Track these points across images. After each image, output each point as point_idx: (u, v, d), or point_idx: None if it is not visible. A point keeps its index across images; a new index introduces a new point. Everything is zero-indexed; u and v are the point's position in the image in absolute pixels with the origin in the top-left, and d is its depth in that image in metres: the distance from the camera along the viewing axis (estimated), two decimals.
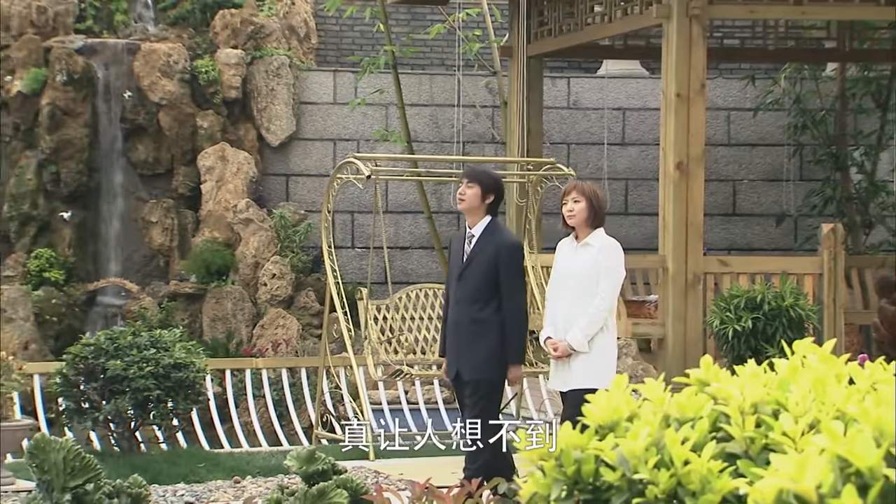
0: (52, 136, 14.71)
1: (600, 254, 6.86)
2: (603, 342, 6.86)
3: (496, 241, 7.03)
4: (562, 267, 7.00)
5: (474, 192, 7.02)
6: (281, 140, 15.34)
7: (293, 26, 15.77)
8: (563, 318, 6.86)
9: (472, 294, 6.96)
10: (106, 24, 15.83)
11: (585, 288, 6.81)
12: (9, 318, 13.89)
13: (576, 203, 6.91)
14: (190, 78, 15.03)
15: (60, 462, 3.81)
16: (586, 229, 6.93)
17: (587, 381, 6.71)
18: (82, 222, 14.91)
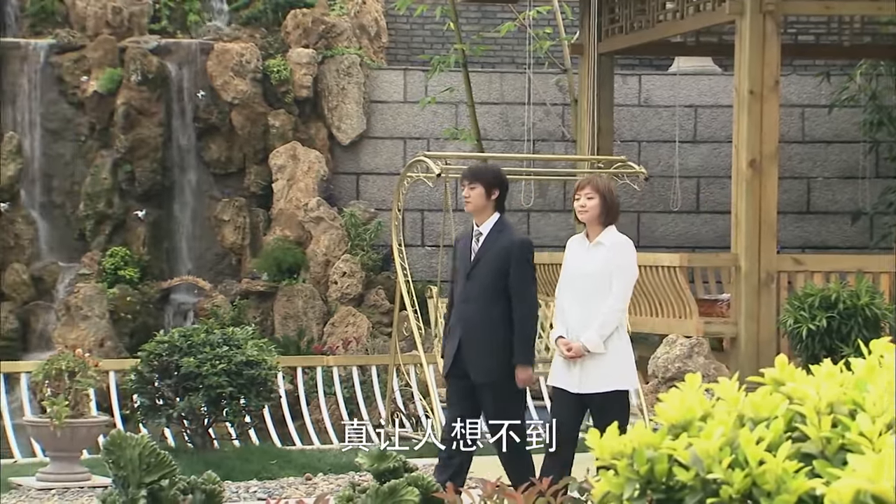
0: (127, 136, 14.89)
1: (612, 252, 6.68)
2: (618, 343, 6.67)
3: (506, 238, 6.86)
4: (572, 266, 6.79)
5: (478, 192, 6.86)
6: (351, 139, 15.40)
7: (364, 25, 15.83)
8: (575, 319, 6.64)
9: (481, 293, 6.77)
10: (180, 25, 16.00)
11: (597, 287, 6.62)
12: (84, 315, 14.08)
13: (589, 199, 6.69)
14: (262, 77, 15.14)
15: (136, 458, 3.85)
16: (598, 227, 6.72)
17: (609, 383, 6.58)
18: (156, 221, 15.08)
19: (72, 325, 14.02)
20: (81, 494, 7.66)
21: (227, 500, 4.34)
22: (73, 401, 7.94)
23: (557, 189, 15.37)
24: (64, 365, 7.99)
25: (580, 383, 6.62)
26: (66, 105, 15.18)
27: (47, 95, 15.13)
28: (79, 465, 8.02)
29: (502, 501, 3.75)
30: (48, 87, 15.11)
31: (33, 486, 7.79)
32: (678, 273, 11.07)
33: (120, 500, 3.83)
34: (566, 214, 15.20)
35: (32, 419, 8.16)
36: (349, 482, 6.37)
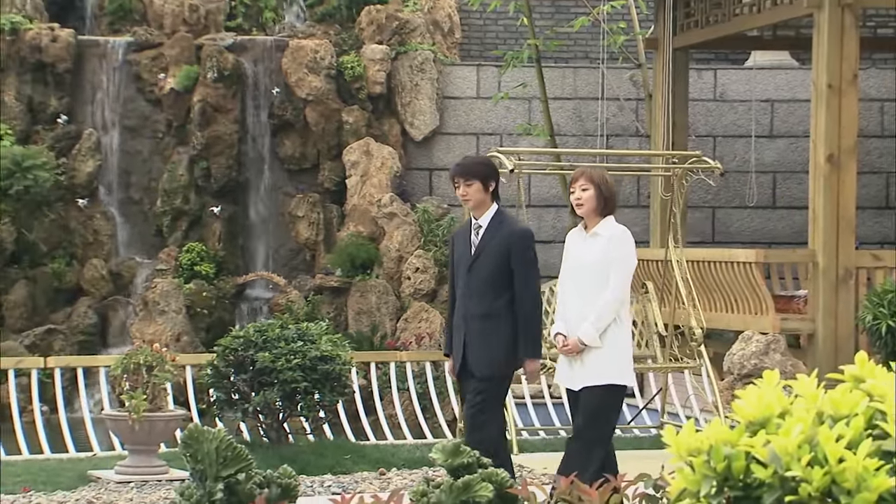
0: (203, 133, 15.03)
1: (609, 243, 6.43)
2: (616, 336, 6.42)
3: (506, 229, 6.67)
4: (571, 258, 6.59)
5: (476, 188, 6.66)
6: (424, 134, 15.43)
7: (437, 21, 15.85)
8: (575, 312, 6.43)
9: (482, 286, 6.59)
10: (255, 22, 16.14)
11: (596, 279, 6.41)
12: (161, 310, 14.25)
13: (584, 191, 6.45)
14: (336, 74, 15.22)
15: (213, 452, 3.89)
16: (595, 218, 6.47)
17: (603, 377, 6.36)
18: (232, 217, 15.22)
19: (149, 320, 14.19)
20: (159, 487, 7.76)
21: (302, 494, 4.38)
22: (151, 395, 8.03)
23: (631, 185, 15.29)
24: (142, 359, 8.08)
25: (577, 379, 6.44)
26: (144, 102, 15.36)
27: (125, 93, 15.33)
28: (157, 458, 8.11)
29: (577, 497, 3.74)
30: (126, 84, 15.30)
31: (112, 479, 7.89)
32: (754, 269, 10.96)
33: (197, 494, 3.87)
34: (640, 210, 15.11)
35: (111, 413, 8.27)
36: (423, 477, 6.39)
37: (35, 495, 7.46)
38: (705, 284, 11.48)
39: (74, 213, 15.03)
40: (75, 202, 15.00)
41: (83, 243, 15.03)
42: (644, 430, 10.42)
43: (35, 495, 7.46)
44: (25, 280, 14.69)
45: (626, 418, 10.91)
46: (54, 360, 10.46)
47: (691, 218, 14.77)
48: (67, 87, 15.25)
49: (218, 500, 3.86)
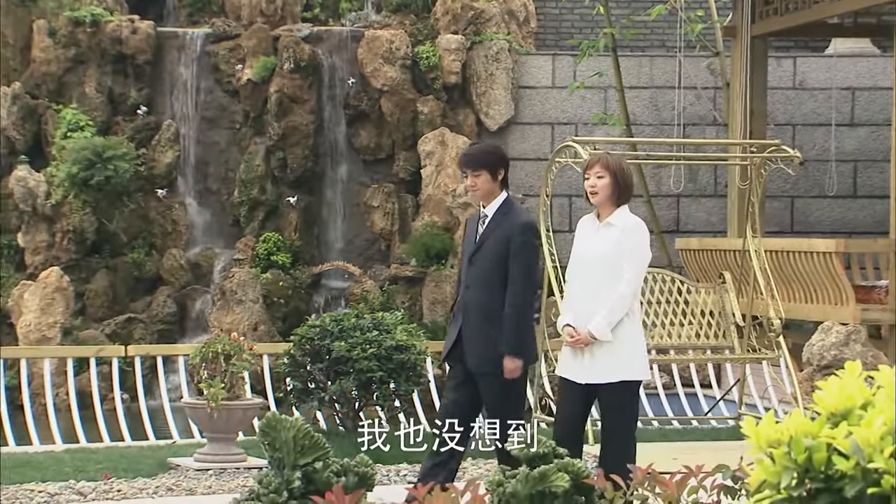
0: (280, 123, 15.14)
1: (623, 235, 6.12)
2: (628, 330, 6.14)
3: (509, 220, 6.37)
4: (581, 249, 6.28)
5: (484, 178, 6.36)
6: (499, 124, 15.41)
7: (513, 10, 15.82)
8: (584, 305, 6.16)
9: (482, 278, 6.35)
10: (332, 13, 16.22)
11: (607, 271, 6.11)
12: (239, 300, 14.38)
13: (599, 179, 6.14)
14: (411, 64, 15.25)
15: (291, 440, 3.91)
16: (609, 207, 6.16)
17: (617, 373, 6.10)
18: (307, 207, 15.32)
19: (227, 310, 14.33)
20: (237, 475, 7.83)
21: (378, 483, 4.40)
22: (229, 383, 8.10)
23: (708, 174, 15.16)
24: (220, 348, 8.15)
25: (587, 373, 6.17)
26: (222, 93, 15.50)
27: (203, 84, 15.48)
28: (235, 446, 8.18)
29: (653, 488, 3.72)
30: (204, 75, 15.45)
31: (191, 467, 7.98)
32: (834, 259, 10.82)
33: (275, 482, 3.90)
34: (717, 199, 14.99)
35: (190, 401, 8.36)
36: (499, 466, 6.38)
37: (116, 482, 7.56)
38: (784, 274, 11.35)
39: (154, 203, 15.22)
40: (155, 192, 15.19)
41: (162, 233, 15.21)
42: (721, 421, 10.34)
43: (116, 482, 7.56)
44: (106, 269, 14.90)
45: (703, 409, 10.84)
46: (134, 349, 10.60)
47: (769, 207, 14.60)
48: (147, 79, 15.43)
49: (296, 489, 3.88)
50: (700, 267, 13.11)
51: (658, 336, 10.07)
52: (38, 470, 7.68)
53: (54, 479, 7.52)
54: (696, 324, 9.98)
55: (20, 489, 7.28)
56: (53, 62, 15.33)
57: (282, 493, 3.87)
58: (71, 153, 14.60)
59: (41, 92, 15.36)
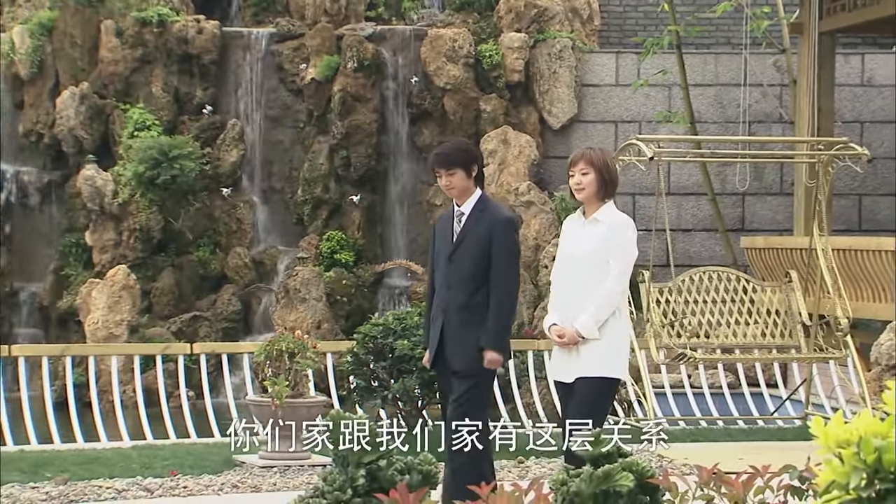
0: (343, 122, 15.20)
1: (609, 231, 5.99)
2: (615, 328, 6.00)
3: (488, 216, 6.22)
4: (567, 246, 6.13)
5: (459, 176, 6.21)
6: (562, 122, 15.37)
7: (576, 8, 15.77)
8: (570, 303, 6.01)
9: (464, 277, 6.19)
10: (395, 11, 16.26)
11: (593, 269, 5.98)
12: (302, 298, 14.45)
13: (584, 175, 6.01)
14: (474, 62, 15.25)
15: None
16: (595, 203, 6.03)
17: (598, 369, 5.94)
18: (370, 205, 15.36)
19: (290, 308, 14.41)
20: (301, 472, 7.87)
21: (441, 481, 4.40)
22: (293, 381, 8.15)
23: (774, 172, 15.02)
24: (284, 346, 8.20)
25: (571, 372, 6.03)
26: (286, 92, 15.59)
27: (268, 83, 15.58)
28: (300, 443, 8.22)
29: (719, 488, 3.69)
30: (269, 74, 15.55)
31: (256, 464, 8.03)
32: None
33: (339, 479, 3.91)
34: (783, 198, 14.85)
35: (255, 398, 8.41)
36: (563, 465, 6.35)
37: (182, 478, 7.63)
38: (851, 273, 11.22)
39: (219, 202, 15.33)
40: (219, 191, 15.30)
41: (227, 232, 15.32)
42: (788, 421, 10.24)
43: (182, 478, 7.63)
44: (172, 268, 15.04)
45: (769, 409, 10.74)
46: (200, 347, 10.68)
47: (837, 205, 14.44)
48: (212, 78, 15.55)
49: (360, 486, 3.90)
50: (766, 266, 13.00)
51: (723, 335, 9.99)
52: (106, 466, 7.77)
53: (121, 475, 7.60)
54: (761, 323, 9.89)
55: (88, 485, 7.37)
56: (121, 62, 15.50)
57: (346, 490, 3.88)
58: (138, 152, 14.75)
59: (108, 92, 15.54)
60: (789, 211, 14.19)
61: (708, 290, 10.08)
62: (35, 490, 7.24)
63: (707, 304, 10.05)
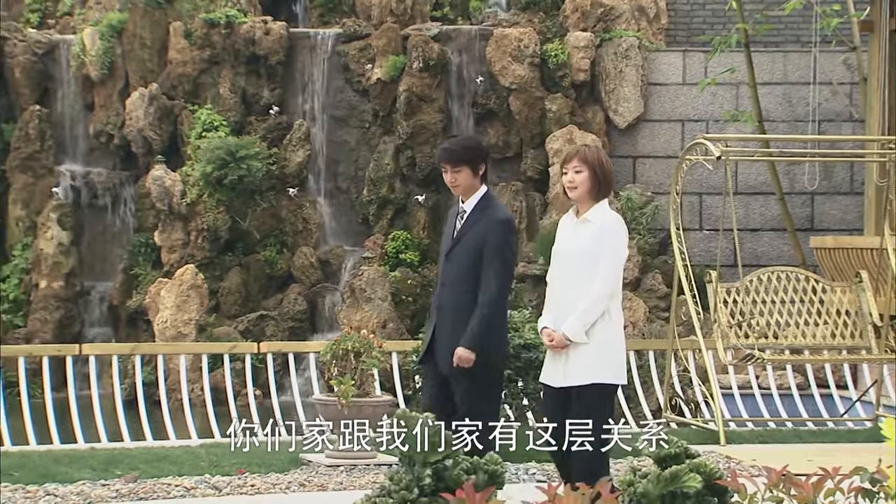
0: (409, 122, 15.23)
1: (600, 232, 5.87)
2: (605, 332, 5.88)
3: (487, 216, 6.15)
4: (560, 246, 6.00)
5: (465, 174, 6.18)
6: (628, 122, 15.30)
7: (643, 7, 15.69)
8: (562, 305, 5.90)
9: (458, 276, 6.10)
10: (461, 11, 16.27)
11: (585, 270, 5.84)
12: (368, 297, 14.50)
13: (577, 173, 5.89)
14: (539, 62, 15.22)
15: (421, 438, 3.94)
16: (588, 202, 5.91)
17: (589, 375, 5.83)
18: (435, 205, 15.38)
19: (356, 307, 14.47)
20: (368, 471, 7.89)
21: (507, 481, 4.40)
22: (359, 380, 8.18)
23: (844, 171, 14.85)
24: (350, 345, 8.23)
25: (561, 377, 5.90)
26: (352, 93, 15.66)
27: (334, 83, 15.65)
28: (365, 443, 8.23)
29: (789, 490, 3.66)
30: (334, 75, 15.63)
31: (322, 463, 8.07)
32: None
33: (406, 478, 3.92)
34: (853, 197, 14.67)
35: (321, 397, 8.45)
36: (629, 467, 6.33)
37: (250, 477, 7.68)
38: None
39: (285, 202, 15.43)
40: (286, 191, 15.39)
41: (293, 231, 15.41)
42: (858, 422, 10.12)
43: (250, 477, 7.68)
44: (239, 267, 15.16)
45: (839, 410, 10.62)
46: (266, 346, 10.75)
47: None
48: (279, 79, 15.65)
49: (426, 486, 3.91)
50: (835, 266, 12.85)
51: (792, 336, 9.90)
52: (175, 464, 7.84)
53: (190, 473, 7.67)
54: (831, 323, 9.79)
55: (157, 483, 7.44)
56: (189, 63, 15.64)
57: (412, 489, 3.90)
58: (205, 153, 14.88)
59: (177, 93, 15.68)
60: (859, 210, 14.02)
61: (776, 291, 9.99)
62: (105, 487, 7.33)
63: (775, 305, 9.95)
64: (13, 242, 15.75)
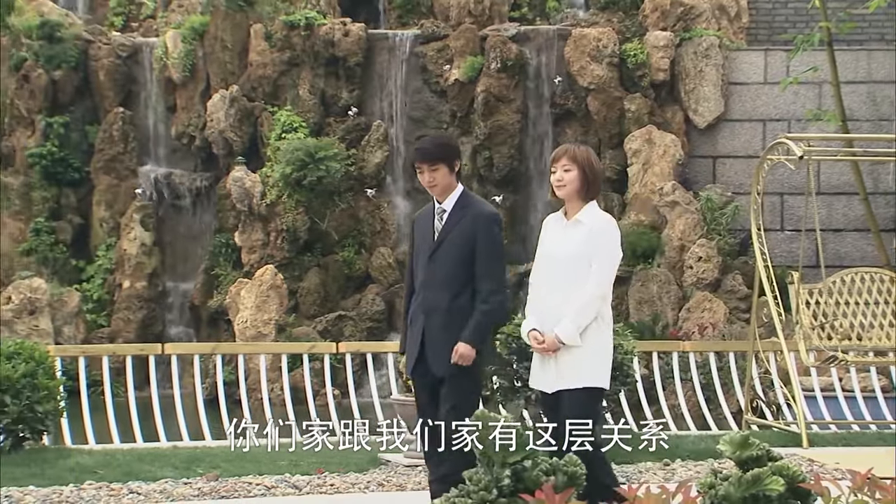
0: (486, 123, 15.23)
1: (592, 233, 5.75)
2: (596, 335, 5.75)
3: (472, 213, 5.95)
4: (548, 248, 5.86)
5: (443, 173, 5.94)
6: (708, 122, 15.18)
7: (723, 6, 15.55)
8: (550, 308, 5.76)
9: (445, 277, 5.91)
10: (539, 12, 16.24)
11: (575, 272, 5.72)
12: None
13: (566, 172, 5.78)
14: (618, 62, 15.15)
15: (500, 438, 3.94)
16: (578, 203, 5.80)
17: (580, 379, 5.70)
18: (513, 205, 15.37)
19: None
20: None
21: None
22: None
23: None
24: None
25: (551, 382, 5.78)
26: (430, 93, 15.69)
27: (412, 84, 15.69)
28: None
29: (873, 494, 3.61)
30: (413, 76, 15.67)
31: (401, 463, 8.09)
32: None
33: (485, 479, 3.93)
34: None
35: (399, 398, 8.47)
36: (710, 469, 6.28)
37: (329, 476, 7.73)
38: None
39: (363, 202, 15.50)
40: (364, 192, 15.47)
41: (371, 232, 15.48)
42: None
43: (329, 476, 7.73)
44: (318, 268, 15.26)
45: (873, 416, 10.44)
46: (345, 346, 10.80)
47: None
48: (357, 80, 15.73)
49: (505, 486, 3.91)
50: None
51: (876, 338, 9.76)
52: (255, 463, 7.91)
53: (270, 472, 7.73)
54: None
55: (238, 482, 7.51)
56: (269, 65, 15.78)
57: (491, 490, 3.90)
58: (285, 154, 15.00)
59: (257, 94, 15.82)
60: None
61: (860, 292, 9.85)
62: (187, 486, 7.41)
63: (859, 306, 9.82)
64: (97, 243, 15.99)
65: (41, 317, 14.56)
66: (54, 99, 16.15)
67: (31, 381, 7.97)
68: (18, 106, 16.13)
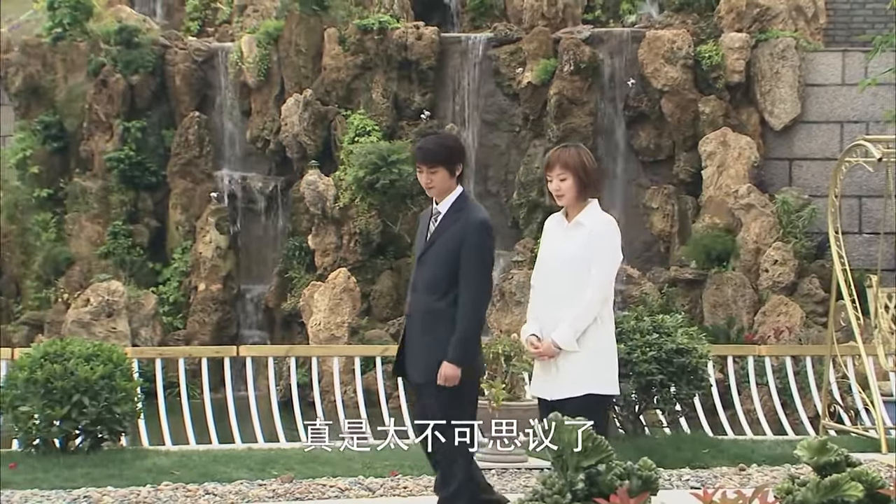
0: (559, 125, 15.20)
1: (592, 236, 5.66)
2: (597, 339, 5.63)
3: (463, 217, 5.78)
4: (548, 250, 5.77)
5: (442, 176, 5.80)
6: (784, 123, 15.02)
7: (801, 6, 15.39)
8: (550, 312, 5.66)
9: (430, 281, 5.77)
10: (612, 14, 16.17)
11: (575, 276, 5.62)
12: (518, 301, 14.49)
13: (562, 181, 5.70)
14: (693, 63, 15.04)
15: (574, 442, 3.92)
16: (578, 206, 5.72)
17: (582, 386, 5.57)
18: None
19: (506, 311, 14.48)
20: (518, 475, 7.89)
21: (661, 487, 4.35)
22: (510, 384, 8.19)
23: None
24: (500, 349, 8.25)
25: (551, 389, 5.65)
26: (502, 97, 15.69)
27: (484, 87, 15.70)
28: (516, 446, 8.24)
29: None
30: (485, 79, 15.68)
31: None
32: None
33: (559, 483, 3.91)
34: None
35: None
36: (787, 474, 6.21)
37: (402, 479, 7.74)
38: None
39: None
40: None
41: None
42: None
43: (402, 479, 7.74)
44: (390, 271, 15.30)
45: None
46: None
47: None
48: (430, 83, 15.76)
49: (579, 490, 3.89)
50: None
51: None
52: (329, 465, 7.95)
53: (344, 474, 7.76)
54: None
55: (312, 483, 7.56)
56: (343, 69, 15.86)
57: (565, 494, 3.88)
58: (358, 157, 15.07)
59: (331, 98, 15.92)
60: None
61: None
62: (262, 487, 7.47)
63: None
64: (173, 246, 16.17)
65: (119, 319, 14.76)
66: (132, 103, 16.36)
67: (109, 382, 8.07)
68: (97, 110, 16.36)
